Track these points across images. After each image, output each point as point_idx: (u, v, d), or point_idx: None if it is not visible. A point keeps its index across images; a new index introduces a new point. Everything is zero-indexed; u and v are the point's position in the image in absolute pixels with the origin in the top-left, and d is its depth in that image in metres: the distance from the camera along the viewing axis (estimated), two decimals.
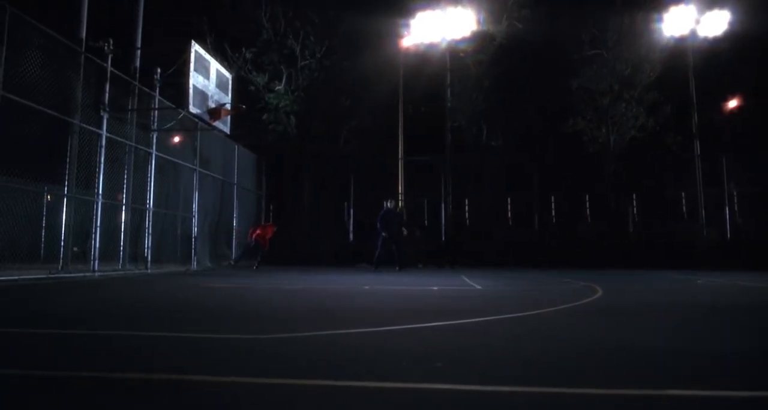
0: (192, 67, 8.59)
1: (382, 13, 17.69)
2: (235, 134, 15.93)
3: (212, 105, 9.29)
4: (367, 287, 7.18)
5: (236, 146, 14.95)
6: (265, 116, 16.65)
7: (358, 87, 18.25)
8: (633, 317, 4.20)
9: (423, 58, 17.89)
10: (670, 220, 16.95)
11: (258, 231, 13.19)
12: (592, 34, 16.91)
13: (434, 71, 18.00)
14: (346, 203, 17.74)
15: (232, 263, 14.60)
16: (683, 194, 17.35)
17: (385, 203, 13.67)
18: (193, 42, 8.73)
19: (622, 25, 16.78)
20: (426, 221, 19.44)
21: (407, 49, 17.95)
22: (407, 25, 17.66)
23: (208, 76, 9.31)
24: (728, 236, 16.38)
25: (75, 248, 9.20)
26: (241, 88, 16.65)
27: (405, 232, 13.03)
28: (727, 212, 16.50)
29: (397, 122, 19.43)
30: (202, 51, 9.06)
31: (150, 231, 10.07)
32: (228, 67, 16.25)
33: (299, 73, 16.74)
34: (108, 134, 8.75)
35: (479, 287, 7.25)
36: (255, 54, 16.65)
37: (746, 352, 2.67)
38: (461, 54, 16.85)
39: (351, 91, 18.19)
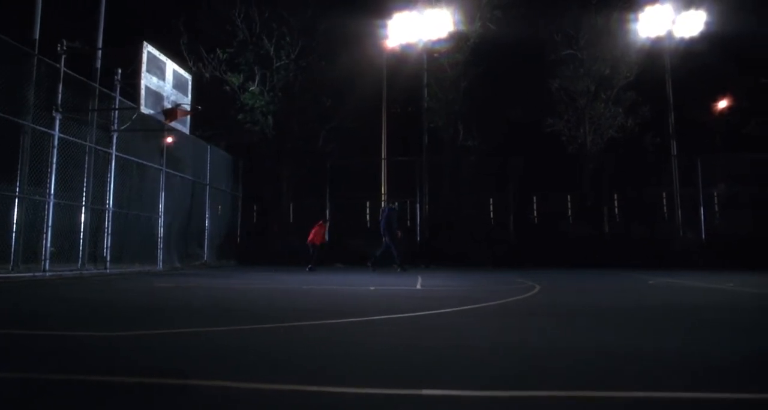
0: (144, 68, 8.61)
1: (360, 14, 17.72)
2: (208, 135, 16.04)
3: (168, 106, 9.31)
4: (305, 287, 7.20)
5: (209, 147, 14.97)
6: (240, 116, 16.66)
7: (339, 87, 18.26)
8: (539, 318, 4.21)
9: (401, 59, 17.91)
10: (647, 220, 16.92)
11: (311, 235, 13.14)
12: (567, 34, 16.90)
13: (412, 72, 18.02)
14: (323, 204, 17.73)
15: (204, 262, 14.66)
16: (660, 194, 17.32)
17: (387, 204, 13.65)
18: (145, 43, 8.74)
19: (597, 25, 16.77)
20: (408, 222, 19.46)
21: (386, 50, 17.97)
22: (385, 26, 17.68)
23: (163, 77, 9.33)
24: (703, 236, 16.35)
25: (52, 249, 9.24)
26: (216, 88, 16.77)
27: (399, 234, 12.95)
28: (702, 212, 16.47)
29: (378, 122, 19.48)
30: (156, 52, 9.07)
31: (109, 231, 10.09)
32: (203, 68, 16.41)
33: (274, 74, 16.75)
34: (61, 135, 8.78)
35: (420, 287, 7.26)
36: (231, 55, 16.67)
37: (633, 352, 2.63)
38: (435, 54, 16.86)
39: (331, 92, 18.20)
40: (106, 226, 10.05)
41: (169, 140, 12.43)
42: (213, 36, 16.54)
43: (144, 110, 8.63)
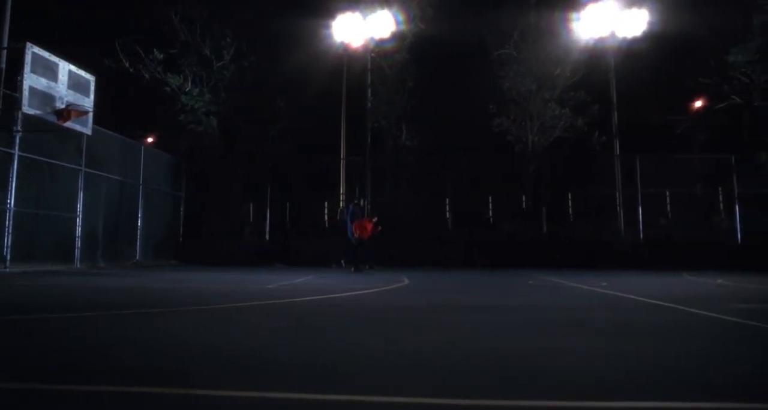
0: (28, 68, 8.71)
1: (304, 14, 17.82)
2: (144, 135, 16.16)
3: (61, 106, 9.41)
4: (214, 285, 7.29)
5: (142, 147, 15.08)
6: (182, 117, 16.77)
7: (286, 88, 18.35)
8: (323, 317, 4.27)
9: (345, 59, 17.96)
10: (587, 220, 16.90)
11: (357, 229, 12.89)
12: (504, 34, 16.91)
13: (358, 72, 18.08)
14: (263, 204, 17.79)
15: (136, 262, 14.77)
16: (603, 194, 17.28)
17: (352, 202, 13.67)
18: (29, 44, 8.84)
19: (536, 24, 16.77)
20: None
21: (330, 50, 18.03)
22: (329, 27, 17.75)
23: (55, 78, 9.43)
24: (641, 237, 16.31)
25: None
26: (158, 89, 16.90)
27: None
28: (641, 212, 16.43)
29: (327, 122, 19.55)
30: (44, 53, 9.16)
31: (10, 230, 10.20)
32: (143, 69, 16.51)
33: (213, 75, 16.85)
34: None
35: (299, 280, 7.33)
36: (174, 55, 16.79)
37: (429, 354, 2.59)
38: (372, 54, 16.91)
39: (278, 92, 18.29)
40: (7, 225, 10.15)
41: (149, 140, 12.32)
42: (154, 37, 16.66)
43: (27, 110, 8.73)
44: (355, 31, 17.29)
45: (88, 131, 10.37)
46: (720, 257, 14.94)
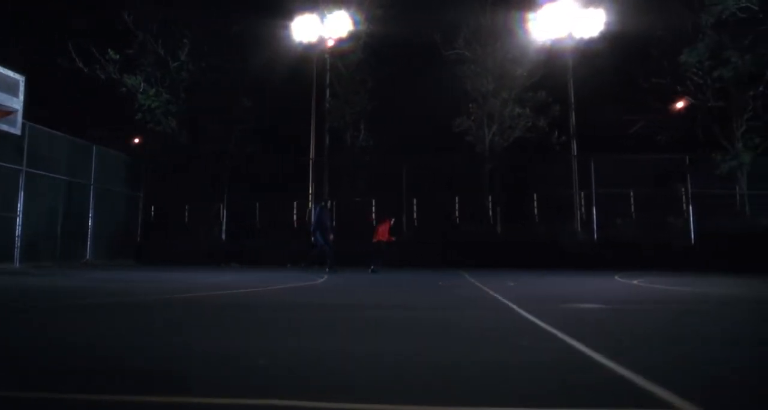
0: None
1: (264, 16, 17.86)
2: (98, 136, 16.23)
3: None
4: (118, 284, 7.34)
5: (94, 147, 15.14)
6: (139, 116, 16.84)
7: (249, 88, 18.39)
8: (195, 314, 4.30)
9: (304, 60, 18.03)
10: (544, 220, 16.91)
11: (378, 234, 12.79)
12: (457, 34, 16.93)
13: (318, 72, 18.13)
14: (222, 204, 17.85)
15: (86, 261, 14.84)
16: (559, 194, 17.28)
17: (320, 203, 13.71)
18: None
19: (493, 25, 16.78)
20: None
21: (290, 51, 18.08)
22: (288, 28, 17.81)
23: None
24: (595, 237, 16.31)
25: None
26: (116, 90, 16.96)
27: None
28: (595, 213, 16.43)
29: (290, 122, 19.63)
30: None
31: None
32: (99, 69, 16.58)
33: (169, 75, 16.90)
34: None
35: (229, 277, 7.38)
36: (131, 56, 16.86)
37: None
38: (326, 55, 16.95)
39: (240, 92, 18.32)
40: None
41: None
42: (112, 37, 16.74)
43: None
44: (312, 31, 17.35)
45: (16, 131, 10.42)
46: (673, 258, 14.94)
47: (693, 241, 15.90)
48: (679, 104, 16.74)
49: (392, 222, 13.53)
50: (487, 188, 17.31)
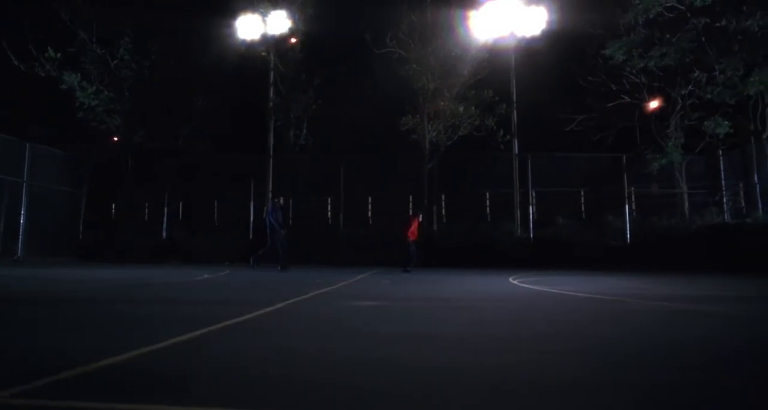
0: None
1: (207, 14, 17.86)
2: (40, 134, 16.28)
3: None
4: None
5: (27, 145, 15.19)
6: (80, 115, 16.87)
7: (197, 87, 18.41)
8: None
9: (248, 58, 18.03)
10: (482, 219, 16.89)
11: (408, 233, 12.41)
12: (397, 32, 16.90)
13: (261, 71, 18.15)
14: (164, 201, 17.89)
15: (18, 258, 14.90)
16: (498, 193, 17.27)
17: (274, 200, 13.75)
18: None
19: (431, 23, 16.75)
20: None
21: (234, 49, 18.09)
22: (232, 26, 17.82)
23: None
24: (531, 236, 16.27)
25: None
26: (54, 87, 16.99)
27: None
28: (532, 211, 16.40)
29: (239, 120, 19.65)
30: None
31: None
32: (39, 67, 16.62)
33: (107, 73, 16.94)
34: None
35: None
36: (73, 54, 16.90)
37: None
38: (263, 53, 16.97)
39: (188, 91, 18.35)
40: None
41: None
42: (52, 35, 16.75)
43: None
44: (254, 30, 17.37)
45: None
46: (607, 258, 14.89)
47: (629, 240, 15.85)
48: (653, 104, 16.55)
49: (420, 219, 13.24)
50: (426, 187, 17.27)
